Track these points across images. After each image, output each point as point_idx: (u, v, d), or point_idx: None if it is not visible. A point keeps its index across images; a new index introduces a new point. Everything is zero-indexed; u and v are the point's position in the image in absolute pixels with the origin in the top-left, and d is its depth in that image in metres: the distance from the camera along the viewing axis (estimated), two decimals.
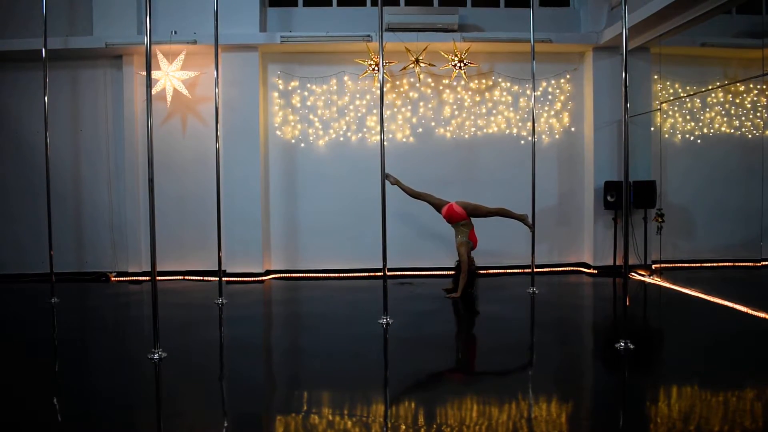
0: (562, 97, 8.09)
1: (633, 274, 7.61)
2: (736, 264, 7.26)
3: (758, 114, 7.10)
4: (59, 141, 7.73)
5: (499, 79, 8.04)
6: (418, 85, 7.96)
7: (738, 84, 7.24)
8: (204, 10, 7.11)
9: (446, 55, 7.59)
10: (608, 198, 7.63)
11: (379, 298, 5.30)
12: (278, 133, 7.97)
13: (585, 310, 6.36)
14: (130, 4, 7.66)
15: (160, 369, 4.08)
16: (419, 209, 7.92)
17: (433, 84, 7.99)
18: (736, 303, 5.80)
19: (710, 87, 7.37)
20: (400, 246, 7.69)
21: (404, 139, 8.01)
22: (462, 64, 7.57)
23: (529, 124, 7.48)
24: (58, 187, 7.29)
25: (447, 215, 6.41)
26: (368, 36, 7.43)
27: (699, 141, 7.56)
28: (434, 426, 3.15)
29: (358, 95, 7.97)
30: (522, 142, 8.02)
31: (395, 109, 7.99)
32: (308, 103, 7.96)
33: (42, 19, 6.39)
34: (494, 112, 8.06)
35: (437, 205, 6.53)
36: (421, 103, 8.01)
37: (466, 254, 6.31)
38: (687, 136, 7.64)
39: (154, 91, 7.45)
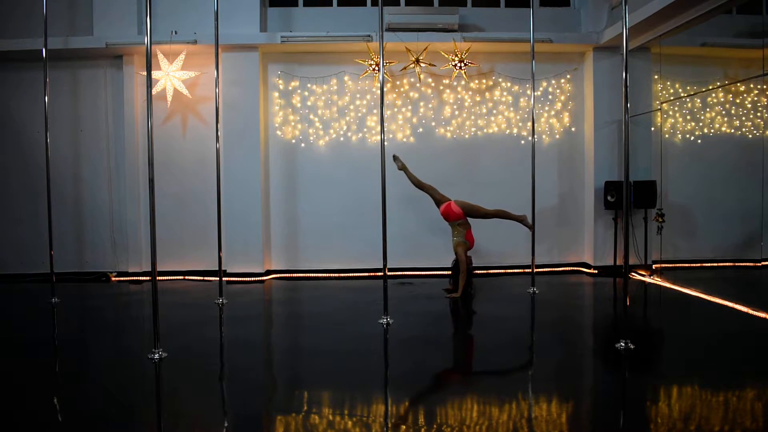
0: (562, 97, 8.09)
1: (633, 274, 7.61)
2: (736, 264, 7.26)
3: (758, 114, 7.09)
4: (59, 141, 7.74)
5: (500, 79, 8.04)
6: (418, 85, 7.96)
7: (738, 84, 7.23)
8: (204, 10, 7.12)
9: (446, 55, 7.59)
10: (608, 198, 7.63)
11: (379, 298, 5.31)
12: (278, 133, 7.97)
13: (585, 310, 6.36)
14: (131, 4, 7.66)
15: (160, 369, 4.08)
16: (420, 209, 7.94)
17: (433, 84, 7.99)
18: (736, 303, 5.80)
19: (710, 87, 7.36)
20: (400, 246, 7.70)
21: (404, 139, 8.01)
22: (462, 64, 7.57)
23: (530, 124, 7.48)
24: (58, 187, 7.29)
25: (444, 213, 6.44)
26: (368, 36, 7.43)
27: (699, 141, 7.55)
28: (434, 426, 3.15)
29: (358, 95, 7.97)
30: (522, 142, 8.02)
31: (395, 109, 8.00)
32: (308, 103, 7.96)
33: (42, 19, 6.40)
34: (494, 112, 8.06)
35: (438, 201, 6.57)
36: (422, 103, 8.01)
37: (464, 254, 6.32)
38: (687, 136, 7.63)
39: (154, 91, 7.46)
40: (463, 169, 8.07)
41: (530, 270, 6.72)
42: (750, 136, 7.27)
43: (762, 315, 5.37)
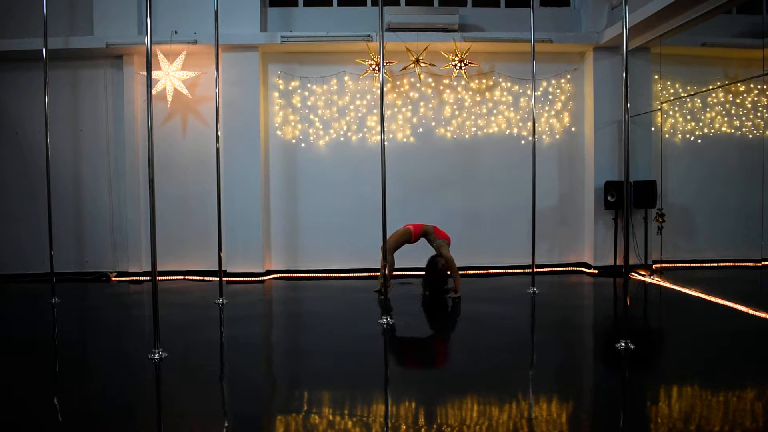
0: (562, 97, 8.09)
1: (633, 274, 7.61)
2: (736, 264, 7.25)
3: (759, 114, 7.08)
4: (59, 141, 7.74)
5: (500, 79, 8.04)
6: (418, 85, 7.96)
7: (738, 84, 7.23)
8: (204, 9, 7.12)
9: (447, 55, 7.59)
10: (608, 198, 7.63)
11: (379, 299, 5.30)
12: (279, 133, 7.97)
13: (585, 310, 6.36)
14: (131, 4, 7.66)
15: (160, 369, 4.08)
16: (419, 209, 7.94)
17: (433, 84, 7.99)
18: (736, 303, 5.80)
19: (710, 87, 7.36)
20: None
21: (405, 139, 8.01)
22: (462, 64, 7.57)
23: (530, 124, 7.49)
24: (58, 187, 7.29)
25: (416, 237, 6.53)
26: (369, 36, 7.43)
27: (699, 141, 7.55)
28: (434, 426, 3.15)
29: (358, 95, 7.97)
30: (522, 142, 8.02)
31: (396, 109, 8.00)
32: (309, 103, 7.96)
33: (42, 19, 6.39)
34: (495, 112, 8.06)
35: (404, 240, 6.51)
36: (422, 103, 8.01)
37: (449, 253, 6.35)
38: (687, 136, 7.63)
39: (154, 91, 7.46)
40: (463, 169, 8.07)
41: (530, 270, 6.71)
42: (750, 136, 7.27)
43: (762, 315, 5.37)
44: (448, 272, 6.40)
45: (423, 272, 6.64)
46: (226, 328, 5.39)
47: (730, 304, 5.83)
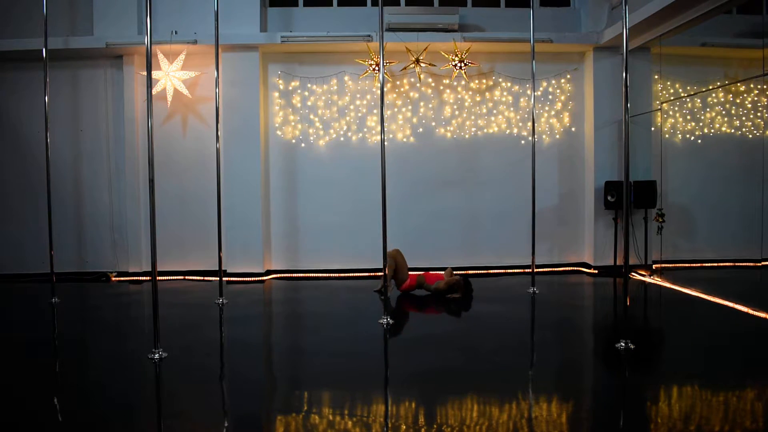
0: (562, 97, 8.10)
1: (633, 274, 7.61)
2: (736, 264, 7.25)
3: (759, 114, 7.08)
4: (59, 141, 7.74)
5: (500, 79, 8.04)
6: (418, 85, 7.96)
7: (738, 84, 7.23)
8: (204, 9, 7.13)
9: (447, 55, 7.59)
10: (608, 198, 7.63)
11: (379, 298, 5.30)
12: (279, 133, 7.97)
13: (585, 310, 6.36)
14: (131, 4, 7.66)
15: (160, 369, 4.08)
16: (420, 209, 7.94)
17: (433, 84, 7.99)
18: (736, 303, 5.80)
19: (710, 87, 7.36)
20: (400, 246, 7.68)
21: (405, 139, 8.01)
22: (462, 64, 7.57)
23: (530, 124, 7.49)
24: (58, 187, 7.29)
25: (408, 285, 6.51)
26: (369, 36, 7.43)
27: (699, 141, 7.55)
28: (434, 426, 3.15)
29: (358, 95, 7.97)
30: (522, 142, 8.02)
31: (396, 109, 8.00)
32: (309, 103, 7.96)
33: (42, 19, 6.39)
34: (495, 112, 8.06)
35: (400, 273, 6.47)
36: (422, 103, 8.01)
37: (445, 284, 6.36)
38: (687, 136, 7.63)
39: (154, 91, 7.47)
40: (463, 169, 8.08)
41: (530, 270, 6.72)
42: (750, 136, 7.26)
43: (762, 315, 5.37)
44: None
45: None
46: (226, 328, 5.39)
47: (730, 304, 5.83)
